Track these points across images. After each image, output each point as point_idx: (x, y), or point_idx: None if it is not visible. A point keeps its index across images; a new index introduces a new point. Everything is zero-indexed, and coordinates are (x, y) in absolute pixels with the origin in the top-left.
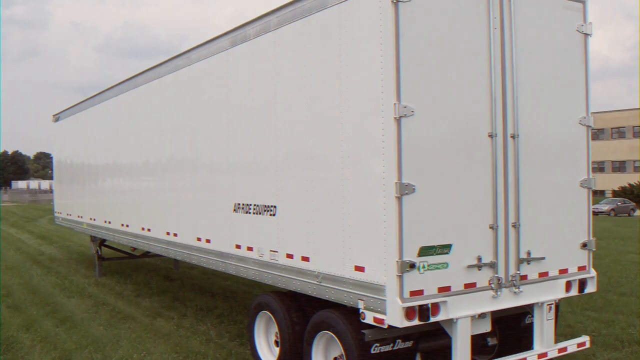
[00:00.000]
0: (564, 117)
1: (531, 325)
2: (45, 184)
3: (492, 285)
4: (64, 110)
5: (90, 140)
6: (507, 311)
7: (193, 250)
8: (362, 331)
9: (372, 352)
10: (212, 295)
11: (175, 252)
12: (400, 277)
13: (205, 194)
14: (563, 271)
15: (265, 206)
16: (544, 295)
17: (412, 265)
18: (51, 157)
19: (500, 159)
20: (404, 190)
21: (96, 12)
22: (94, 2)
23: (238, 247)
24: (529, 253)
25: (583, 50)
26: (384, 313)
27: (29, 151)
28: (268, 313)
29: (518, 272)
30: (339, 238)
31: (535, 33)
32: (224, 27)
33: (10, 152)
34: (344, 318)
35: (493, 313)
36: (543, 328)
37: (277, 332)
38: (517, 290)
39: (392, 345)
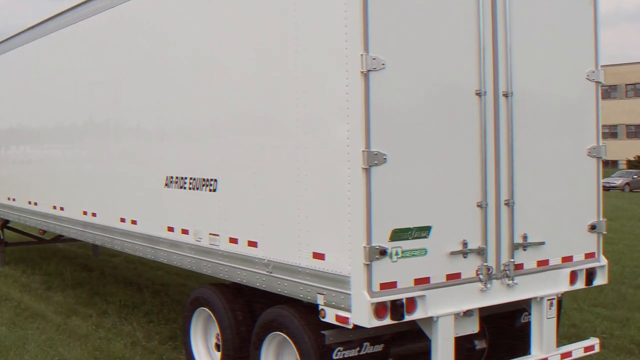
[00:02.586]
0: (568, 71)
1: (528, 325)
2: None
3: (481, 276)
4: None
5: None
6: (498, 308)
7: (115, 233)
8: (322, 332)
9: (335, 357)
10: (139, 288)
11: (94, 235)
12: (369, 266)
13: (131, 164)
14: (567, 259)
15: (204, 180)
16: (543, 288)
17: (383, 252)
18: None
19: (490, 122)
20: (373, 160)
21: None
22: None
23: (170, 229)
24: (525, 237)
25: None
26: (349, 310)
27: None
28: (207, 310)
29: (512, 260)
30: (293, 218)
31: None
32: None
33: None
34: (300, 316)
35: (481, 310)
36: (542, 328)
37: (218, 334)
38: (510, 282)
39: (358, 349)
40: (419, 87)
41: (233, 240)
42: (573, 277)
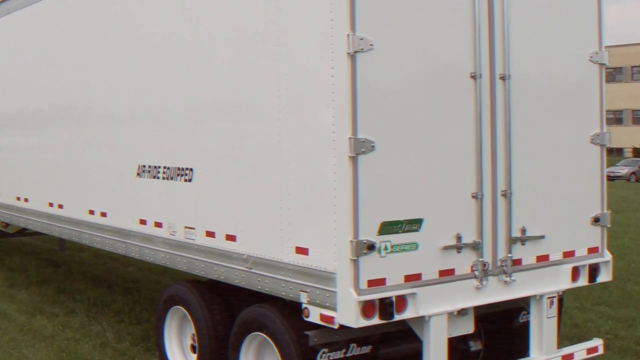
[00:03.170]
0: (570, 52)
1: (527, 325)
2: None
3: (476, 273)
4: None
5: None
6: (495, 306)
7: (84, 226)
8: (306, 333)
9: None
10: (109, 285)
11: (61, 229)
12: (356, 262)
13: (100, 152)
14: (568, 254)
15: (179, 169)
16: (543, 285)
17: (371, 247)
18: None
19: (486, 107)
20: (360, 148)
21: None
22: None
23: (143, 222)
24: (523, 230)
25: None
26: (334, 309)
27: None
28: (182, 309)
29: (509, 255)
30: (274, 211)
31: None
32: None
33: None
34: (282, 315)
35: (477, 309)
36: (542, 329)
37: (193, 334)
38: (508, 279)
39: (344, 351)
40: (410, 69)
41: (210, 234)
42: (575, 273)
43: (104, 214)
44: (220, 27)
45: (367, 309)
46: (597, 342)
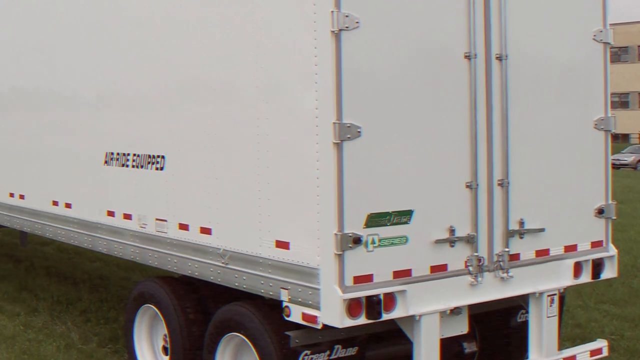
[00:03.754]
0: (572, 29)
1: (525, 324)
2: None
3: (470, 269)
4: None
5: None
6: (491, 305)
7: (47, 218)
8: (287, 333)
9: None
10: (75, 282)
11: (22, 221)
12: (341, 257)
13: (65, 139)
14: (570, 248)
15: (150, 156)
16: (543, 282)
17: (357, 240)
18: None
19: (481, 89)
20: (346, 133)
21: None
22: None
23: (111, 214)
24: (521, 223)
25: None
26: (318, 308)
27: None
28: (153, 307)
29: (506, 249)
30: (253, 201)
31: None
32: None
33: None
34: (261, 315)
35: (471, 307)
36: (542, 329)
37: (166, 335)
38: (505, 275)
39: (328, 352)
40: (399, 49)
41: (183, 227)
42: (577, 269)
43: (68, 205)
44: (193, 3)
45: (352, 307)
46: (602, 344)
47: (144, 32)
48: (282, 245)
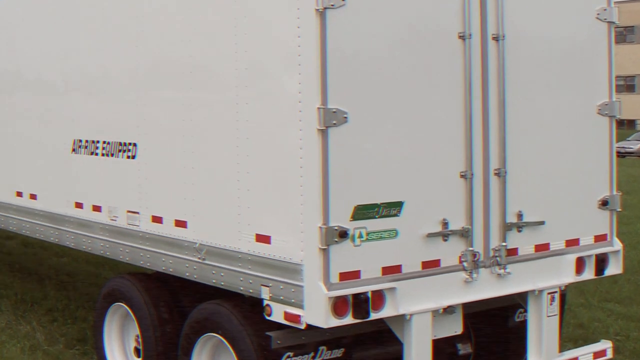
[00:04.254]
0: (574, 8)
1: (524, 324)
2: None
3: (465, 265)
4: None
5: None
6: (487, 303)
7: (10, 210)
8: (268, 334)
9: None
10: (40, 279)
11: None
12: (326, 252)
13: (30, 125)
14: (572, 242)
15: (121, 144)
16: (543, 279)
17: (344, 234)
18: None
19: (476, 72)
20: (331, 119)
21: None
22: None
23: (79, 205)
24: (520, 215)
25: None
26: (301, 306)
27: None
28: (125, 306)
29: (504, 244)
30: (232, 192)
31: None
32: None
33: None
34: (240, 314)
35: (466, 306)
36: (542, 329)
37: (138, 335)
38: (502, 271)
39: (312, 354)
40: (388, 29)
41: (157, 219)
42: (580, 265)
43: (33, 197)
44: None
45: (338, 306)
46: (606, 345)
47: (113, 8)
48: (263, 239)
